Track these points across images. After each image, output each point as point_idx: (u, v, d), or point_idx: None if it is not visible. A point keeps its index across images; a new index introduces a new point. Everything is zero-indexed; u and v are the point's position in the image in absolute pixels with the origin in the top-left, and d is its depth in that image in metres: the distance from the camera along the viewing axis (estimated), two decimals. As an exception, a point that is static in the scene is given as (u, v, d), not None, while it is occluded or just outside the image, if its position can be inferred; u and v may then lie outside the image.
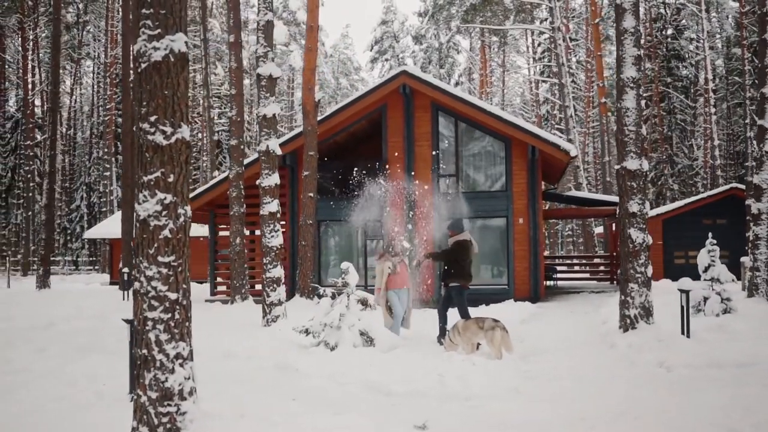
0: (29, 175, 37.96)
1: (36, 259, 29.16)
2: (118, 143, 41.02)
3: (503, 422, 6.31)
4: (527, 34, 50.37)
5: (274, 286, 12.89)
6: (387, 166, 19.22)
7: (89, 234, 37.39)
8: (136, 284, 5.29)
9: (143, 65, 5.28)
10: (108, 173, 46.17)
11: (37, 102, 45.01)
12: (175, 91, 5.34)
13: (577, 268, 31.86)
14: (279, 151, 13.42)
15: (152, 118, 5.27)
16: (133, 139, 14.41)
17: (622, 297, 10.70)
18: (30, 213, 38.65)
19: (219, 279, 21.85)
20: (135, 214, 5.36)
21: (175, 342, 5.27)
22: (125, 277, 20.47)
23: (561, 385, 7.66)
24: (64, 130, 55.81)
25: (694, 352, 8.52)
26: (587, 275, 28.50)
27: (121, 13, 30.54)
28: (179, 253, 5.32)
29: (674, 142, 43.93)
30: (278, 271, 12.96)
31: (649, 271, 10.67)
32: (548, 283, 24.48)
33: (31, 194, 38.32)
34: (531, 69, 49.70)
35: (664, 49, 43.48)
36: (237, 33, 17.99)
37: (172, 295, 5.26)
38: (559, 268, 29.61)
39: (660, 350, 8.86)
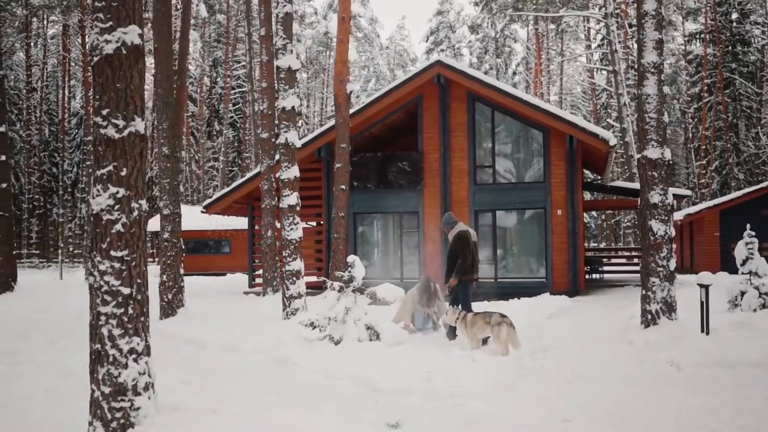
0: (90, 170, 39.11)
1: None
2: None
3: (478, 421, 6.09)
4: (584, 22, 49.06)
5: (294, 279, 12.85)
6: (423, 158, 18.98)
7: (145, 226, 38.26)
8: (90, 279, 5.29)
9: (95, 58, 5.25)
10: (167, 168, 47.07)
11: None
12: (128, 84, 5.29)
13: (636, 261, 30.96)
14: (298, 144, 13.36)
15: (104, 112, 5.25)
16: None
17: (644, 291, 10.31)
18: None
19: (260, 271, 21.92)
20: (89, 208, 5.35)
21: (129, 337, 5.24)
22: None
23: (557, 384, 7.35)
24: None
25: (707, 351, 8.08)
26: (640, 268, 27.58)
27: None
28: (133, 247, 5.28)
29: (740, 129, 42.30)
30: (297, 264, 12.91)
31: (672, 264, 10.22)
32: (593, 276, 23.82)
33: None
34: (587, 57, 48.39)
35: (729, 34, 41.82)
36: (268, 26, 18.02)
37: (125, 290, 5.23)
38: (614, 260, 28.80)
39: (673, 348, 8.44)
